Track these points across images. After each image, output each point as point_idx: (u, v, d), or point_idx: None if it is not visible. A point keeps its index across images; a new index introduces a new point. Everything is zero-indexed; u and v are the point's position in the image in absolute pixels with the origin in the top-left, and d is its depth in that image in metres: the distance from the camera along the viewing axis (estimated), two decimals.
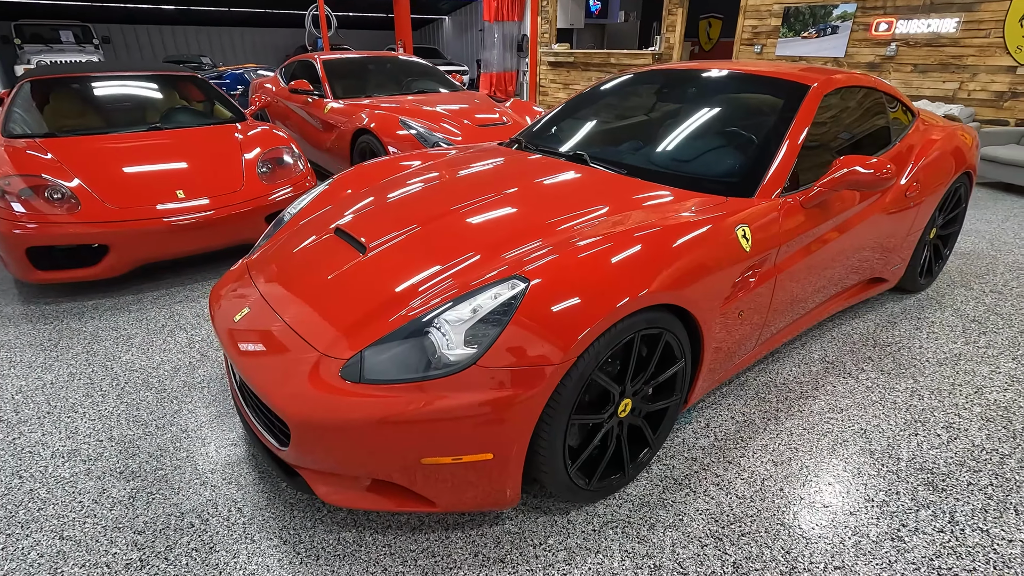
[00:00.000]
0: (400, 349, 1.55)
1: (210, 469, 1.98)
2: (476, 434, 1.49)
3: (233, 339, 1.80)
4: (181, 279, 3.56)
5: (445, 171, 2.58)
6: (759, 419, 2.26)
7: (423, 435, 1.48)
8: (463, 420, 1.47)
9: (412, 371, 1.50)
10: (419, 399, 1.47)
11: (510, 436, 1.51)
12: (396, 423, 1.47)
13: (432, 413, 1.46)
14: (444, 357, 1.48)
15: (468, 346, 1.49)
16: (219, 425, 2.20)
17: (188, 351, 2.73)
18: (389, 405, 1.47)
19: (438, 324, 1.53)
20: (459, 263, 1.77)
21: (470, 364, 1.47)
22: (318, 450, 1.55)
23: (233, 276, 2.15)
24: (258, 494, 1.87)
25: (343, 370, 1.54)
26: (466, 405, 1.46)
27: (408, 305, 1.65)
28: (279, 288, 1.92)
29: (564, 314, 1.51)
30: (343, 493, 1.64)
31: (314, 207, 2.47)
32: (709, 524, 1.76)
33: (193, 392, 2.41)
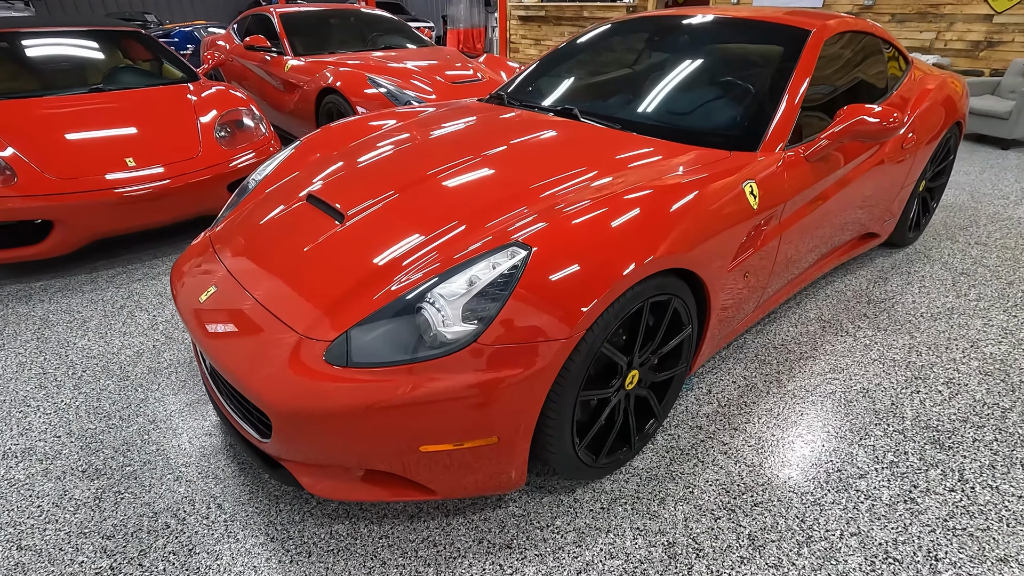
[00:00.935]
0: (390, 328, 1.39)
1: (184, 463, 1.82)
2: (478, 417, 1.36)
3: (200, 321, 1.62)
4: (139, 255, 3.30)
5: (421, 131, 2.37)
6: (761, 382, 2.20)
7: (420, 421, 1.35)
8: (463, 403, 1.34)
9: (405, 352, 1.36)
10: (414, 382, 1.33)
11: (515, 418, 1.39)
12: (390, 409, 1.33)
13: (429, 397, 1.33)
14: (440, 335, 1.34)
15: (466, 322, 1.34)
16: (191, 413, 2.03)
17: (151, 333, 2.52)
18: (381, 390, 1.33)
19: (431, 299, 1.38)
20: (446, 232, 1.61)
21: (469, 342, 1.33)
22: (304, 441, 1.40)
23: (196, 251, 1.94)
24: (239, 488, 1.73)
25: (327, 353, 1.39)
26: (465, 387, 1.33)
27: (394, 279, 1.49)
28: (248, 263, 1.73)
29: (569, 284, 1.38)
30: (333, 485, 1.51)
31: (280, 173, 2.26)
32: (720, 495, 1.70)
33: (159, 378, 2.22)
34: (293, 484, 1.55)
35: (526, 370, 1.34)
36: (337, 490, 1.51)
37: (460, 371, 1.33)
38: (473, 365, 1.33)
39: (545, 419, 1.46)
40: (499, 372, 1.33)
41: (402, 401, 1.32)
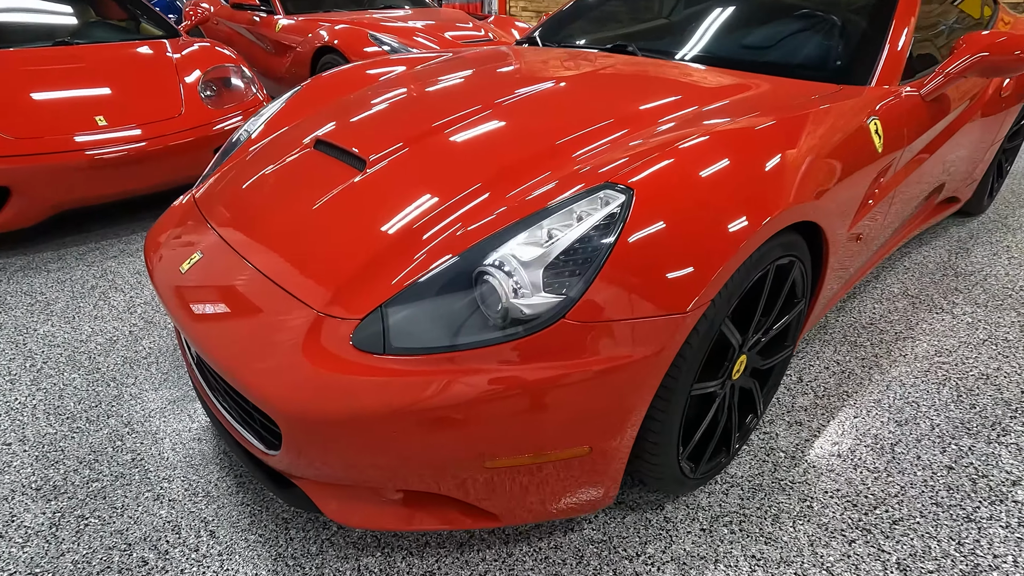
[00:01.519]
0: (441, 302, 1.02)
1: (166, 476, 1.45)
2: (566, 421, 1.00)
3: (182, 299, 1.24)
4: (114, 230, 2.89)
5: (446, 73, 1.98)
6: (859, 368, 1.85)
7: (486, 427, 0.98)
8: (547, 403, 0.98)
9: (462, 333, 0.99)
10: (478, 375, 0.96)
11: (616, 420, 1.03)
12: (444, 412, 0.96)
13: (499, 394, 0.96)
14: (513, 310, 0.97)
15: (549, 292, 0.97)
16: (175, 413, 1.65)
17: (127, 317, 2.13)
18: (431, 386, 0.96)
19: (498, 261, 1.01)
20: (508, 174, 1.23)
21: (554, 319, 0.96)
22: (326, 456, 1.04)
23: (176, 215, 1.55)
24: (237, 509, 1.36)
25: (356, 336, 1.02)
26: (550, 380, 0.96)
27: (441, 237, 1.11)
28: (243, 225, 1.35)
29: (685, 242, 1.01)
30: (365, 511, 1.15)
31: (274, 126, 1.86)
32: (846, 510, 1.35)
33: (136, 370, 1.84)
34: (310, 509, 1.18)
35: (633, 356, 0.98)
36: (370, 518, 1.14)
37: (542, 358, 0.97)
38: (560, 350, 0.97)
39: (650, 421, 1.10)
40: (596, 360, 0.97)
41: (461, 400, 0.96)
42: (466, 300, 1.01)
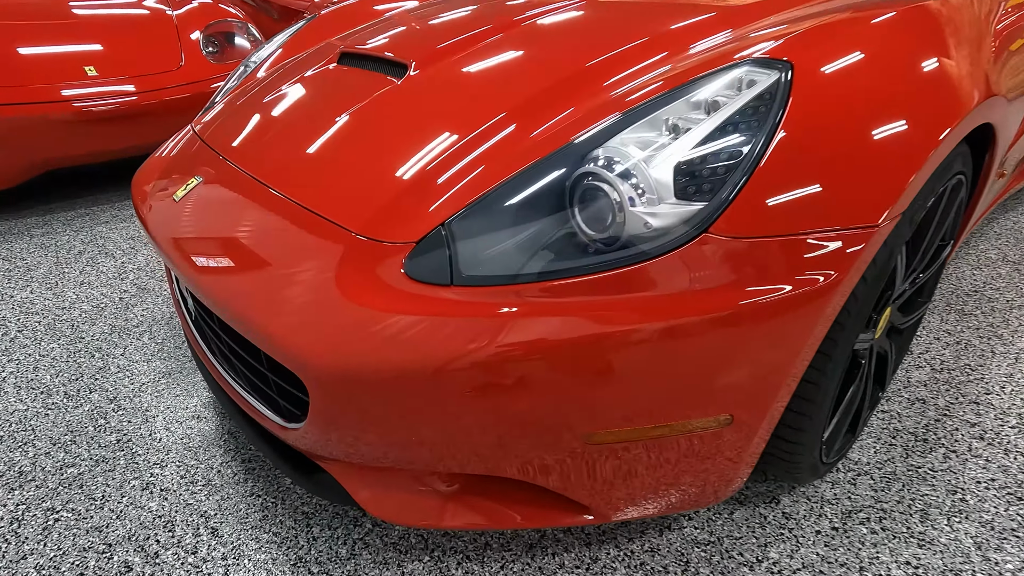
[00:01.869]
0: (527, 217, 0.75)
1: (157, 461, 1.18)
2: (705, 378, 0.72)
3: (176, 232, 0.96)
4: (107, 195, 2.61)
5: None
6: (975, 339, 1.57)
7: (595, 386, 0.71)
8: (684, 351, 0.70)
9: (562, 256, 0.72)
10: (583, 314, 0.69)
11: (771, 379, 0.75)
12: (537, 365, 0.69)
13: (617, 341, 0.68)
14: (633, 222, 0.69)
15: (684, 198, 0.70)
16: (170, 387, 1.39)
17: (117, 284, 1.86)
18: (522, 328, 0.68)
19: (609, 160, 0.73)
20: (610, 59, 0.95)
21: (694, 234, 0.68)
22: (365, 426, 0.76)
23: (171, 146, 1.28)
24: (245, 501, 1.09)
25: (410, 264, 0.74)
26: (689, 320, 0.68)
27: (520, 140, 0.83)
28: (253, 145, 1.08)
29: (869, 136, 0.73)
30: (412, 504, 0.87)
31: (290, 51, 1.60)
32: (1011, 504, 1.08)
33: (126, 339, 1.57)
34: (341, 500, 0.91)
35: (799, 287, 0.70)
36: (419, 512, 0.87)
37: (674, 290, 0.69)
38: (699, 278, 0.69)
39: (802, 384, 0.82)
40: (750, 292, 0.69)
41: (559, 348, 0.68)
42: (561, 214, 0.74)
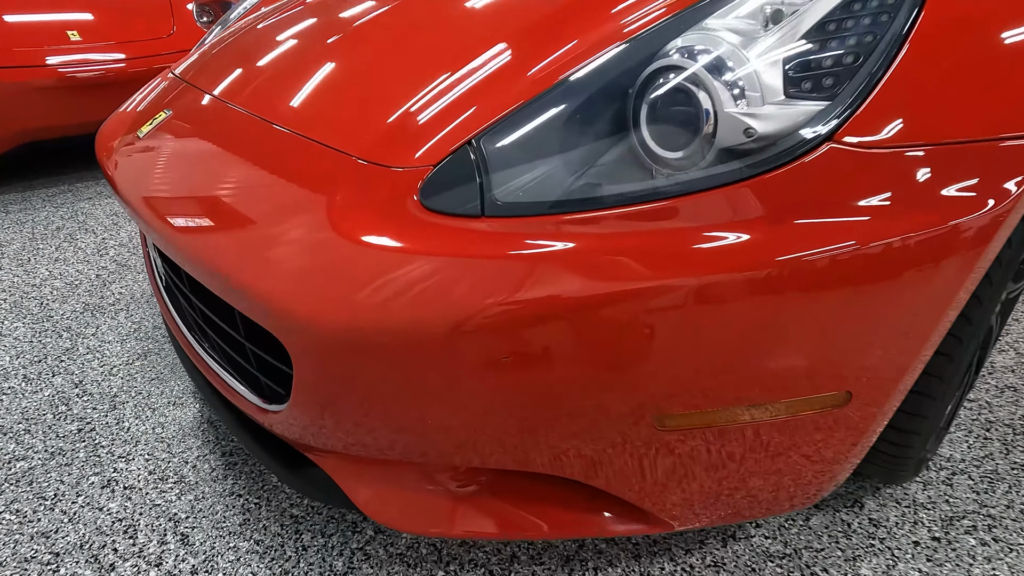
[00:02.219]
0: (584, 125, 0.57)
1: (123, 454, 1.00)
2: (824, 339, 0.54)
3: (136, 171, 0.79)
4: (92, 172, 2.45)
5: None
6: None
7: (677, 350, 0.53)
8: (794, 304, 0.52)
9: (633, 175, 0.54)
10: (664, 252, 0.51)
11: (910, 342, 0.57)
12: (597, 318, 0.51)
13: (705, 290, 0.51)
14: (731, 128, 0.52)
15: (799, 96, 0.52)
16: (144, 370, 1.21)
17: (95, 260, 1.69)
18: (577, 271, 0.51)
19: (693, 50, 0.55)
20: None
21: (814, 143, 0.50)
22: (365, 406, 0.59)
23: (141, 97, 1.10)
24: (222, 502, 0.92)
25: (427, 191, 0.56)
26: (808, 266, 0.51)
27: (582, 35, 0.65)
28: (236, 75, 0.90)
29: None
30: (416, 505, 0.70)
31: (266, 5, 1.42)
32: None
33: (99, 318, 1.40)
34: (335, 501, 0.74)
35: (955, 216, 0.52)
36: (430, 517, 0.69)
37: (783, 215, 0.51)
38: (821, 201, 0.51)
39: (935, 356, 0.64)
40: (889, 222, 0.51)
41: (627, 297, 0.50)
42: (628, 123, 0.56)
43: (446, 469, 0.71)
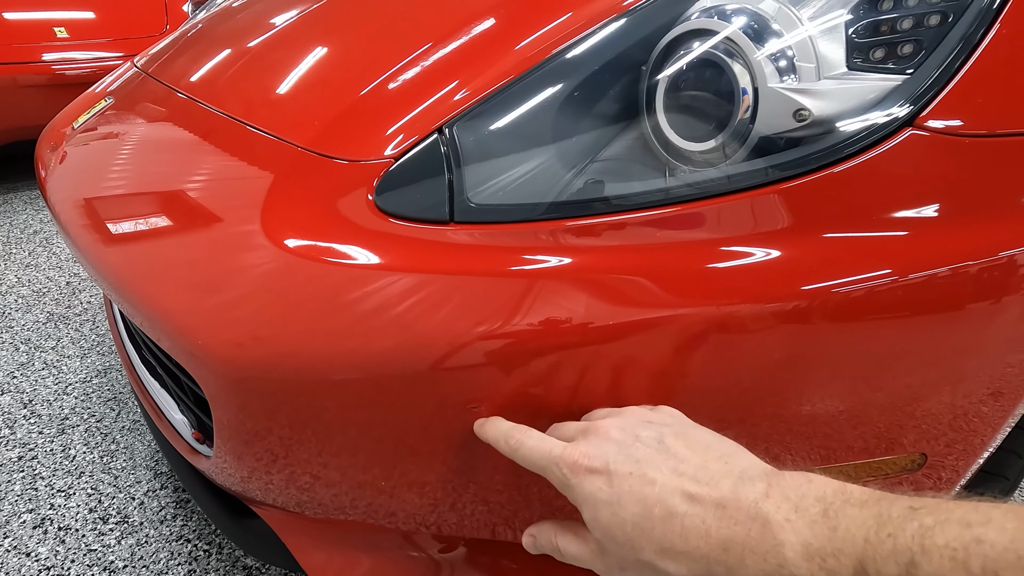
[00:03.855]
0: (581, 114, 0.45)
1: (63, 488, 0.89)
2: (899, 384, 0.42)
3: (64, 168, 0.68)
4: None
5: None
6: None
7: (697, 394, 0.41)
8: (859, 336, 0.40)
9: (645, 172, 0.42)
10: (683, 270, 0.39)
11: (1005, 395, 0.45)
12: (610, 354, 0.39)
13: (751, 323, 0.38)
14: (778, 108, 0.39)
15: (867, 68, 0.40)
16: (102, 389, 1.10)
17: (68, 267, 1.59)
18: (573, 295, 0.39)
19: (729, 5, 0.43)
20: None
21: (889, 128, 0.38)
22: (309, 456, 0.47)
23: (93, 88, 0.99)
24: (168, 548, 0.79)
25: (384, 191, 0.44)
26: (878, 291, 0.38)
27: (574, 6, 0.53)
28: (186, 61, 0.78)
29: None
30: (387, 574, 0.58)
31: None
32: None
33: (62, 329, 1.29)
34: (282, 563, 0.62)
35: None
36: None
37: (844, 224, 0.39)
38: (899, 203, 0.39)
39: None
40: (991, 242, 0.39)
41: (645, 335, 0.38)
42: (641, 107, 0.44)
43: (423, 531, 0.58)
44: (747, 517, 0.29)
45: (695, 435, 0.34)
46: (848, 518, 0.27)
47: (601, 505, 0.32)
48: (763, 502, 0.29)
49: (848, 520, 0.26)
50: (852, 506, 0.27)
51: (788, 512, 0.28)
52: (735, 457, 0.32)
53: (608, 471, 0.32)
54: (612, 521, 0.32)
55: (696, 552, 0.29)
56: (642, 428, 0.34)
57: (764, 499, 0.29)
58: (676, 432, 0.34)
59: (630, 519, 0.31)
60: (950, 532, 0.23)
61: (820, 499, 0.28)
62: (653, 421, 0.35)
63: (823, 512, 0.27)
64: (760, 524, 0.28)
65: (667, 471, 0.31)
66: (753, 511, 0.29)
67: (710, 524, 0.29)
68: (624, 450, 0.33)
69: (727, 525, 0.29)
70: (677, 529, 0.30)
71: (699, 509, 0.30)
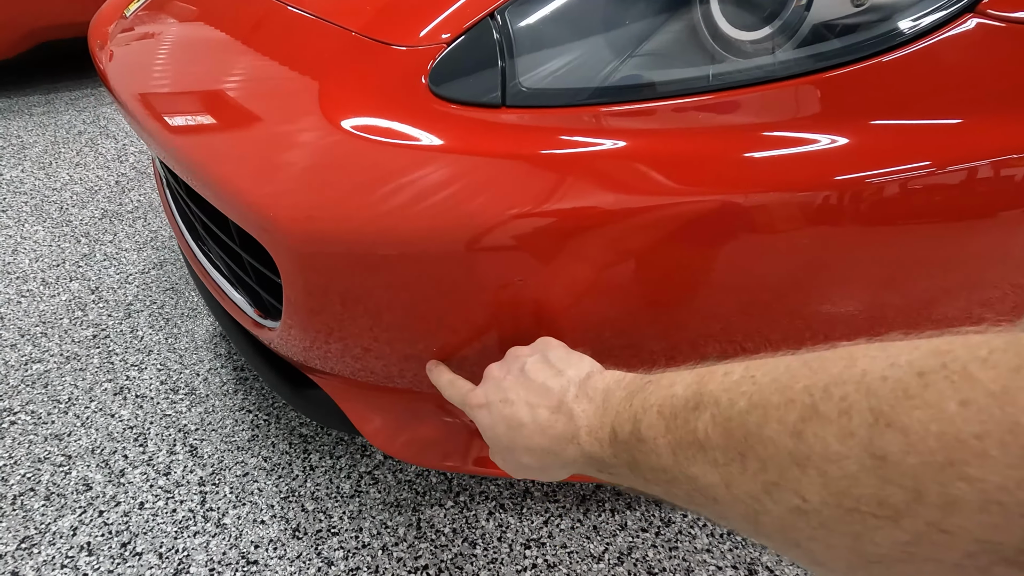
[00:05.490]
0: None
1: (136, 363, 0.99)
2: (952, 280, 0.45)
3: (121, 53, 0.70)
4: None
5: None
6: None
7: (748, 284, 0.44)
8: (905, 237, 0.42)
9: (689, 58, 0.43)
10: (740, 160, 0.41)
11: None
12: (649, 245, 0.42)
13: (798, 211, 0.41)
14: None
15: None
16: (159, 280, 1.18)
17: (115, 166, 1.65)
18: (626, 180, 0.41)
19: None
20: None
21: (952, 14, 0.38)
22: (371, 327, 0.52)
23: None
24: (232, 416, 0.89)
25: (438, 74, 0.46)
26: (937, 183, 0.40)
27: None
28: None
29: None
30: (428, 437, 0.65)
31: None
32: None
33: (117, 225, 1.37)
34: (339, 426, 0.70)
35: None
36: (442, 451, 0.65)
37: (894, 111, 0.40)
38: (956, 95, 0.39)
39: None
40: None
41: (690, 220, 0.41)
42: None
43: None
44: (563, 415, 0.37)
45: (552, 355, 0.42)
46: (613, 399, 0.35)
47: (486, 428, 0.43)
48: (572, 402, 0.37)
49: (612, 400, 0.35)
50: (620, 389, 0.35)
51: (585, 405, 0.37)
52: (569, 368, 0.40)
53: (487, 403, 0.43)
54: (492, 436, 0.43)
55: (539, 447, 0.38)
56: (512, 362, 0.44)
57: (574, 400, 0.37)
58: (537, 359, 0.42)
59: (502, 433, 0.41)
60: (658, 393, 0.30)
61: (604, 390, 0.36)
62: (522, 354, 0.44)
63: (603, 399, 0.36)
64: (569, 418, 0.37)
65: (522, 392, 0.41)
66: (566, 410, 0.37)
67: (544, 425, 0.38)
68: (497, 384, 0.43)
69: (553, 424, 0.38)
70: (526, 433, 0.39)
71: (538, 415, 0.39)
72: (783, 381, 0.23)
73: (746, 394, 0.24)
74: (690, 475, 0.26)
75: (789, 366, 0.23)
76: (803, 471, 0.20)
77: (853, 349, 0.22)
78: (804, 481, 0.20)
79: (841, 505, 0.19)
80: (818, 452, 0.20)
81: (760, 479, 0.22)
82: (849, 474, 0.19)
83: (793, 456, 0.21)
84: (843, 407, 0.20)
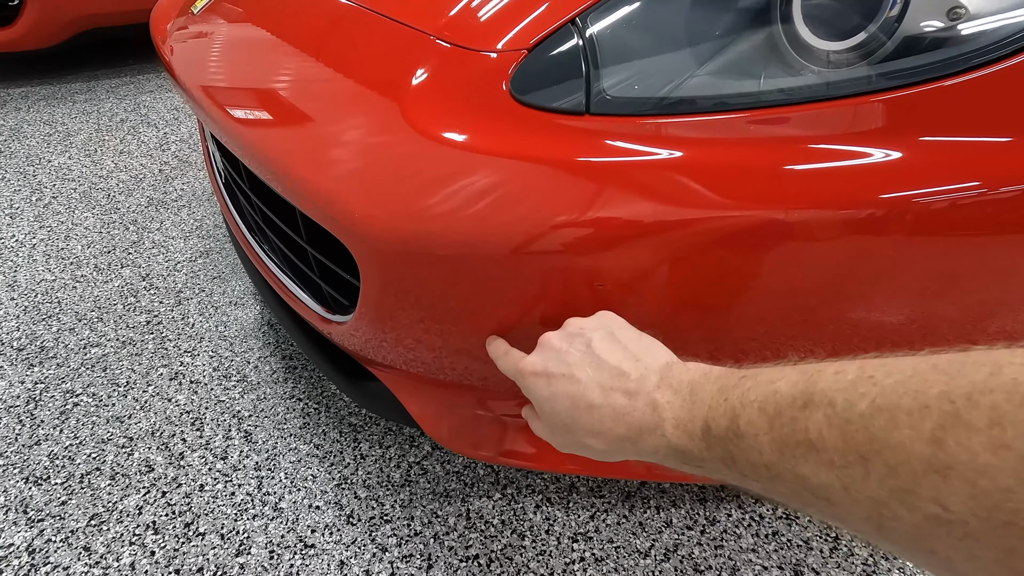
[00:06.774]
0: (720, 7, 0.46)
1: (188, 349, 1.02)
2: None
3: (191, 49, 0.72)
4: (153, 64, 2.41)
5: None
6: None
7: (810, 294, 0.45)
8: (982, 254, 0.42)
9: (777, 69, 0.43)
10: (821, 174, 0.41)
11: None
12: (733, 256, 0.43)
13: (877, 226, 0.41)
14: (933, 3, 0.39)
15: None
16: (206, 268, 1.21)
17: (158, 155, 1.68)
18: (712, 190, 0.42)
19: None
20: None
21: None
22: (437, 326, 0.54)
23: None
24: (284, 404, 0.92)
25: (519, 80, 0.47)
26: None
27: None
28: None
29: None
30: (481, 430, 0.67)
31: None
32: None
33: (163, 213, 1.40)
34: (395, 417, 0.71)
35: None
36: (476, 441, 0.66)
37: (992, 131, 0.40)
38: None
39: None
40: None
41: (773, 231, 0.42)
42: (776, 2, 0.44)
43: (508, 397, 0.66)
44: (644, 404, 0.36)
45: (620, 335, 0.41)
46: (703, 392, 0.34)
47: (543, 400, 0.41)
48: (654, 391, 0.36)
49: (703, 394, 0.34)
50: (709, 383, 0.34)
51: (670, 396, 0.36)
52: (645, 354, 0.39)
53: (548, 373, 0.41)
54: (550, 411, 0.41)
55: (611, 433, 0.37)
56: (576, 336, 0.42)
57: (656, 389, 0.37)
58: (603, 335, 0.41)
59: (562, 410, 0.40)
60: (759, 389, 0.30)
61: (691, 383, 0.36)
62: (586, 328, 0.42)
63: (690, 392, 0.35)
64: (651, 408, 0.36)
65: (591, 370, 0.39)
66: (648, 399, 0.36)
67: (620, 412, 0.37)
68: (559, 356, 0.41)
69: (632, 411, 0.37)
70: (596, 416, 0.38)
71: (612, 399, 0.37)
72: (912, 385, 0.22)
73: (866, 396, 0.24)
74: (799, 474, 0.26)
75: (917, 369, 0.23)
76: (945, 480, 0.20)
77: (994, 355, 0.21)
78: (946, 490, 0.20)
79: (992, 519, 0.19)
80: (963, 462, 0.19)
81: (888, 484, 0.22)
82: (1004, 487, 0.18)
83: (931, 464, 0.20)
84: (994, 417, 0.19)
